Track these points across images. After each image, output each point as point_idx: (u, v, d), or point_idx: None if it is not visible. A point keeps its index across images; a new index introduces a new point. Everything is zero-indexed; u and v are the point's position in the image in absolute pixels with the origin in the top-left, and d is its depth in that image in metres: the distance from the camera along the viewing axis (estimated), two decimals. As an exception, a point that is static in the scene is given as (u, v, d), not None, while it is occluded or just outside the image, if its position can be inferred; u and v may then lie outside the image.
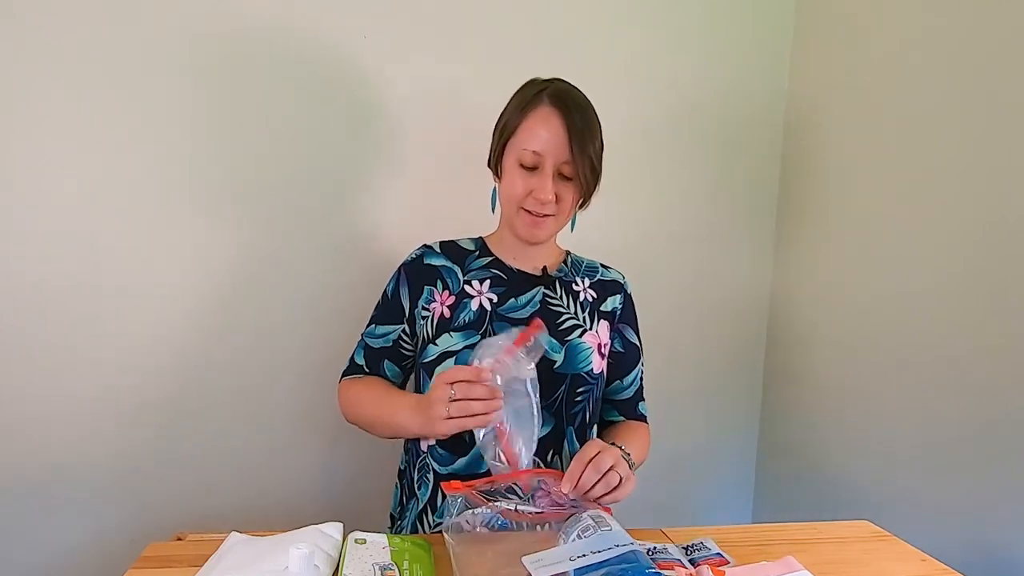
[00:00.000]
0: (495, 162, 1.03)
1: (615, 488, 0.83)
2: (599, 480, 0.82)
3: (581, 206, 1.04)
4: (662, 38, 1.45)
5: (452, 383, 0.84)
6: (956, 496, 1.12)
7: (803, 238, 1.51)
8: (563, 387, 1.00)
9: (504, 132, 1.00)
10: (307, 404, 1.35)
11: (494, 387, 0.84)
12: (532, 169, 0.96)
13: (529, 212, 0.98)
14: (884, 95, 1.28)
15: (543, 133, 0.95)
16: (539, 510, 0.83)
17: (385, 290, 1.08)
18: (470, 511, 0.79)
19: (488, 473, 0.87)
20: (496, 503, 0.81)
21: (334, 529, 0.82)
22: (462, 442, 0.98)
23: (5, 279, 1.18)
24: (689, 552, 0.84)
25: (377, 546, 0.79)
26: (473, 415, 0.83)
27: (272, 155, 1.28)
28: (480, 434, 0.86)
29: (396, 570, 0.73)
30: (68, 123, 1.18)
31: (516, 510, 0.82)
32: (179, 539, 0.85)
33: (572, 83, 1.00)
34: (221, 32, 1.23)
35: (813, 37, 1.48)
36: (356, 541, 0.79)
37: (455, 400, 0.84)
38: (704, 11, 1.46)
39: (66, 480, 1.24)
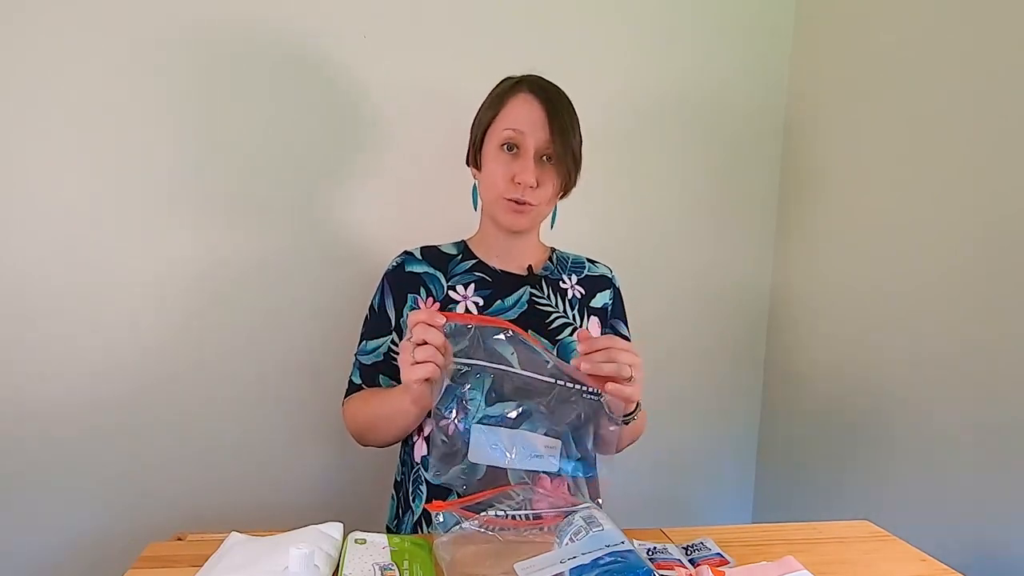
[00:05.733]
0: (474, 156, 1.03)
1: (620, 380, 0.80)
2: (610, 363, 0.80)
3: (562, 196, 1.03)
4: (664, 37, 1.45)
5: (412, 328, 0.81)
6: (956, 496, 1.12)
7: (804, 236, 1.51)
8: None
9: (482, 123, 1.00)
10: (307, 404, 1.35)
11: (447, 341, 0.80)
12: (513, 154, 0.96)
13: (511, 201, 0.97)
14: (884, 93, 1.28)
15: (523, 115, 0.96)
16: (536, 512, 0.83)
17: (372, 303, 1.06)
18: (458, 526, 0.77)
19: (480, 482, 0.85)
20: (484, 514, 0.79)
21: (334, 529, 0.82)
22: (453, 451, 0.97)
23: (5, 279, 1.19)
24: (689, 552, 0.84)
25: (377, 546, 0.79)
26: (431, 361, 0.79)
27: (271, 156, 1.28)
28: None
29: (396, 570, 0.73)
30: (59, 125, 1.18)
31: (509, 516, 0.81)
32: (179, 539, 0.85)
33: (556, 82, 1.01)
34: (216, 32, 1.23)
35: (813, 37, 1.48)
36: (356, 541, 0.79)
37: (419, 345, 0.79)
38: (705, 10, 1.46)
39: (66, 480, 1.25)
